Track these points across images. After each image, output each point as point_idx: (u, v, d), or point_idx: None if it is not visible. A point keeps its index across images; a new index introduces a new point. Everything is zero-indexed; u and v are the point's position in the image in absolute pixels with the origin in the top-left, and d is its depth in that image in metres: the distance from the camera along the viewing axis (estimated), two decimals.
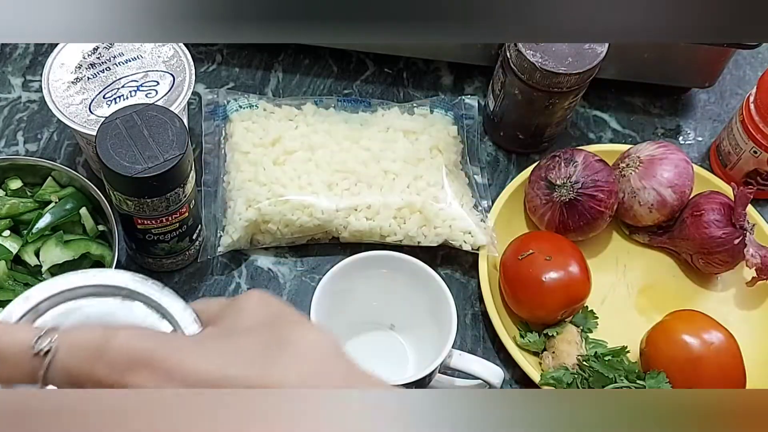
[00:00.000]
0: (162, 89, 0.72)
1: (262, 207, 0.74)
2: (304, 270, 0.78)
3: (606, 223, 0.77)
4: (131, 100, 0.71)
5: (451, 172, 0.78)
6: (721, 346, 0.69)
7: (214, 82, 0.88)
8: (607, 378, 0.69)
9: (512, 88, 0.79)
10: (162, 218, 0.67)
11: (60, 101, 0.71)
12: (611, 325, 0.76)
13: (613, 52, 0.77)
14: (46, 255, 0.69)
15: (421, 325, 0.69)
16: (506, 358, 0.73)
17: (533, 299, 0.72)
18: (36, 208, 0.72)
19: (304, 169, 0.76)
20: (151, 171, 0.61)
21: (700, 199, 0.77)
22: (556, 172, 0.76)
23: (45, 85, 0.71)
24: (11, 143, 0.82)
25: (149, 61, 0.74)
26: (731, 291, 0.80)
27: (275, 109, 0.81)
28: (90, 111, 0.70)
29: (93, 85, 0.72)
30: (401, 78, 0.90)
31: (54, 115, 0.70)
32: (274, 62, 0.90)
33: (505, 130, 0.84)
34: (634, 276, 0.80)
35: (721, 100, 0.93)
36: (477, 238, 0.75)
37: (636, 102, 0.92)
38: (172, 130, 0.63)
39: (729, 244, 0.75)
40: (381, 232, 0.75)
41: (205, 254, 0.75)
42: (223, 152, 0.79)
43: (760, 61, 0.96)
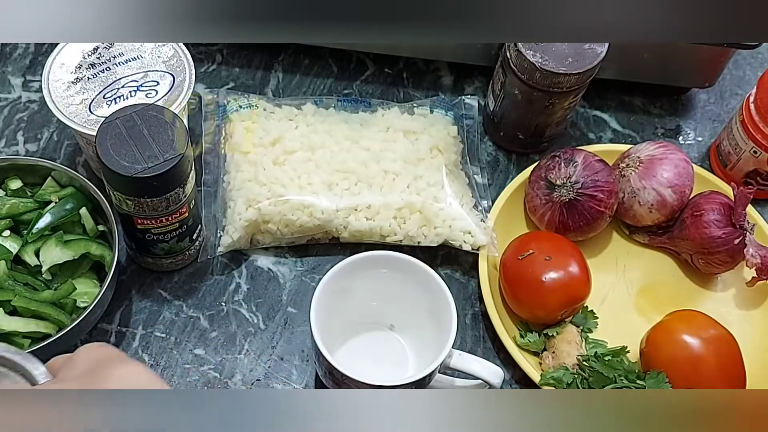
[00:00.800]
0: (162, 89, 0.72)
1: (262, 207, 0.74)
2: (304, 270, 0.78)
3: (606, 223, 0.77)
4: (131, 100, 0.71)
5: (451, 172, 0.78)
6: (721, 347, 0.69)
7: (214, 82, 0.88)
8: (607, 378, 0.69)
9: (512, 88, 0.79)
10: (162, 218, 0.67)
11: (60, 101, 0.71)
12: (611, 325, 0.76)
13: (613, 52, 0.77)
14: (46, 255, 0.69)
15: (421, 325, 0.69)
16: (506, 358, 0.73)
17: (533, 299, 0.72)
18: (36, 208, 0.72)
19: (304, 169, 0.76)
20: (151, 171, 0.61)
21: (700, 199, 0.77)
22: (556, 172, 0.76)
23: (45, 85, 0.71)
24: (11, 143, 0.82)
25: (149, 61, 0.74)
26: (731, 291, 0.80)
27: (275, 109, 0.81)
28: (90, 111, 0.70)
29: (93, 85, 0.72)
30: (401, 78, 0.90)
31: (54, 115, 0.70)
32: (274, 62, 0.90)
33: (505, 130, 0.84)
34: (634, 276, 0.80)
35: (721, 100, 0.93)
36: (477, 238, 0.75)
37: (636, 102, 0.92)
38: (172, 130, 0.63)
39: (729, 244, 0.75)
40: (381, 232, 0.75)
41: (205, 254, 0.75)
42: (223, 152, 0.79)
43: (760, 61, 0.96)
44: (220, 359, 0.72)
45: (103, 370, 0.46)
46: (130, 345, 0.72)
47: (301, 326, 0.75)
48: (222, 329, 0.74)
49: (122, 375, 0.46)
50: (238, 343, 0.73)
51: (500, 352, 0.74)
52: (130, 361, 0.49)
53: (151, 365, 0.72)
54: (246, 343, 0.73)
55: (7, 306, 0.67)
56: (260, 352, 0.73)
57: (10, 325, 0.66)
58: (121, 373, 0.46)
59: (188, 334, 0.73)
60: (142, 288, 0.75)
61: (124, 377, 0.46)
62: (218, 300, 0.75)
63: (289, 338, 0.74)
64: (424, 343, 0.69)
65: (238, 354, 0.73)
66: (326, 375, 0.65)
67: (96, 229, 0.72)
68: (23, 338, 0.67)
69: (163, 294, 0.75)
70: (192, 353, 0.72)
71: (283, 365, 0.73)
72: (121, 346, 0.72)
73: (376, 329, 0.73)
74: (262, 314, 0.75)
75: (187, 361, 0.72)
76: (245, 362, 0.72)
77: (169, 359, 0.72)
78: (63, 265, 0.70)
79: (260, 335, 0.74)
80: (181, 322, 0.74)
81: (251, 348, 0.73)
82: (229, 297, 0.75)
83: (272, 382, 0.72)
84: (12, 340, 0.66)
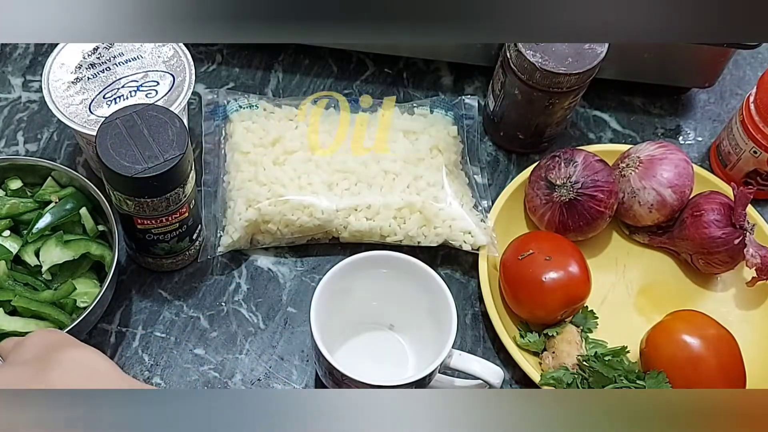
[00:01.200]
0: (162, 89, 0.72)
1: (262, 207, 0.74)
2: (304, 270, 0.78)
3: (606, 223, 0.77)
4: (131, 100, 0.71)
5: (451, 172, 0.78)
6: (721, 347, 0.69)
7: (214, 82, 0.88)
8: (607, 378, 0.69)
9: (512, 88, 0.79)
10: (162, 218, 0.67)
11: (60, 101, 0.71)
12: (611, 325, 0.76)
13: (613, 52, 0.77)
14: (46, 255, 0.69)
15: (421, 325, 0.69)
16: (506, 358, 0.73)
17: (533, 299, 0.72)
18: (36, 208, 0.72)
19: (304, 169, 0.76)
20: (151, 171, 0.61)
21: (700, 199, 0.77)
22: (556, 172, 0.76)
23: (45, 85, 0.71)
24: (11, 143, 0.82)
25: (149, 61, 0.74)
26: (731, 291, 0.80)
27: (275, 109, 0.81)
28: (90, 111, 0.70)
29: (93, 85, 0.72)
30: (401, 78, 0.90)
31: (54, 115, 0.70)
32: (274, 62, 0.90)
33: (505, 130, 0.84)
34: (634, 276, 0.80)
35: (721, 100, 0.93)
36: (477, 238, 0.75)
37: (636, 102, 0.92)
38: (172, 130, 0.63)
39: (729, 244, 0.75)
40: (381, 232, 0.75)
41: (205, 254, 0.75)
42: (223, 152, 0.79)
43: (760, 61, 0.96)
44: (220, 359, 0.72)
45: (54, 353, 0.47)
46: (130, 345, 0.72)
47: (301, 326, 0.75)
48: (222, 329, 0.74)
49: (73, 358, 0.46)
50: (238, 343, 0.73)
51: (500, 352, 0.74)
52: (82, 345, 0.49)
53: (151, 365, 0.72)
54: (246, 343, 0.73)
55: (7, 306, 0.67)
56: (260, 352, 0.73)
57: (10, 325, 0.66)
58: (72, 356, 0.46)
59: (188, 334, 0.73)
60: (142, 288, 0.75)
61: (76, 360, 0.46)
62: (218, 300, 0.75)
63: (289, 338, 0.74)
64: (424, 343, 0.69)
65: (238, 354, 0.73)
66: (326, 375, 0.65)
67: (96, 229, 0.72)
68: None
69: (163, 294, 0.75)
70: (192, 353, 0.72)
71: (283, 365, 0.73)
72: (121, 346, 0.72)
73: (376, 329, 0.73)
74: (262, 314, 0.75)
75: (187, 361, 0.72)
76: (245, 362, 0.72)
77: (169, 359, 0.72)
78: (63, 265, 0.70)
79: (260, 335, 0.74)
80: (181, 322, 0.74)
81: (251, 348, 0.73)
82: (229, 297, 0.75)
83: (272, 382, 0.72)
84: None
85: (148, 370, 0.71)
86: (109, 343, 0.72)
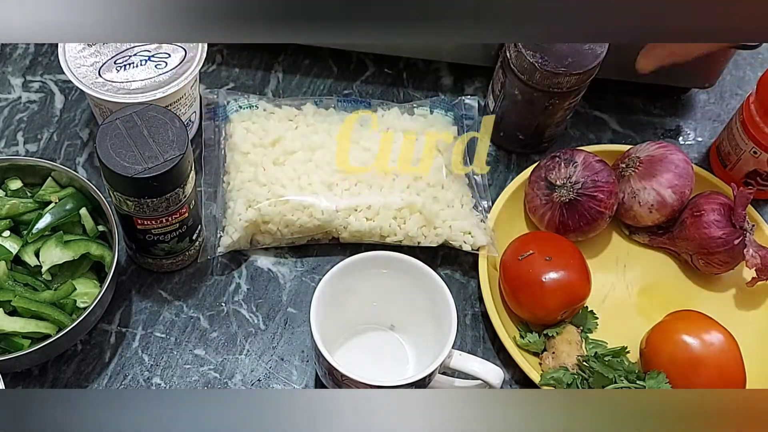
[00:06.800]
0: (172, 62, 0.74)
1: (262, 207, 0.74)
2: (304, 270, 0.78)
3: (606, 223, 0.77)
4: (140, 69, 0.73)
5: (451, 173, 0.78)
6: (721, 346, 0.69)
7: (214, 82, 0.88)
8: (607, 378, 0.69)
9: (512, 88, 0.79)
10: (162, 218, 0.67)
11: (72, 61, 0.73)
12: (611, 325, 0.76)
13: (613, 52, 0.77)
14: (46, 255, 0.69)
15: (421, 325, 0.69)
16: (506, 358, 0.73)
17: (533, 299, 0.72)
18: (36, 209, 0.72)
19: (304, 169, 0.76)
20: (151, 171, 0.61)
21: (700, 199, 0.77)
22: (556, 172, 0.76)
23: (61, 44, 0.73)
24: (11, 143, 0.82)
25: None
26: (731, 291, 0.80)
27: (275, 109, 0.81)
28: (99, 74, 0.73)
29: (107, 50, 0.74)
30: (401, 78, 0.90)
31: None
32: (274, 62, 0.90)
33: (505, 130, 0.84)
34: (634, 276, 0.80)
35: (721, 100, 0.93)
36: (477, 239, 0.75)
37: (636, 102, 0.92)
38: (172, 130, 0.63)
39: (729, 245, 0.75)
40: (381, 233, 0.75)
41: (205, 254, 0.75)
42: (223, 152, 0.79)
43: (760, 61, 0.96)
44: (221, 359, 0.72)
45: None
46: (130, 345, 0.72)
47: (301, 326, 0.75)
48: (222, 330, 0.74)
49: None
50: (238, 344, 0.73)
51: (500, 353, 0.74)
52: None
53: (151, 365, 0.72)
54: (246, 344, 0.73)
55: (7, 306, 0.67)
56: (260, 353, 0.73)
57: (10, 326, 0.66)
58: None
59: (188, 334, 0.73)
60: (142, 288, 0.75)
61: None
62: (218, 300, 0.75)
63: (290, 338, 0.74)
64: (424, 343, 0.69)
65: (239, 354, 0.73)
66: (326, 375, 0.65)
67: (96, 229, 0.72)
68: (23, 339, 0.67)
69: (163, 294, 0.75)
70: (192, 353, 0.72)
71: (283, 365, 0.73)
72: (121, 347, 0.72)
73: (376, 329, 0.73)
74: (262, 314, 0.75)
75: (188, 361, 0.72)
76: (245, 362, 0.72)
77: (169, 359, 0.72)
78: (63, 265, 0.70)
79: (260, 335, 0.74)
80: (181, 322, 0.74)
81: (251, 348, 0.73)
82: (229, 297, 0.75)
83: (272, 382, 0.72)
84: (12, 340, 0.66)
85: (148, 370, 0.71)
86: (109, 344, 0.72)
